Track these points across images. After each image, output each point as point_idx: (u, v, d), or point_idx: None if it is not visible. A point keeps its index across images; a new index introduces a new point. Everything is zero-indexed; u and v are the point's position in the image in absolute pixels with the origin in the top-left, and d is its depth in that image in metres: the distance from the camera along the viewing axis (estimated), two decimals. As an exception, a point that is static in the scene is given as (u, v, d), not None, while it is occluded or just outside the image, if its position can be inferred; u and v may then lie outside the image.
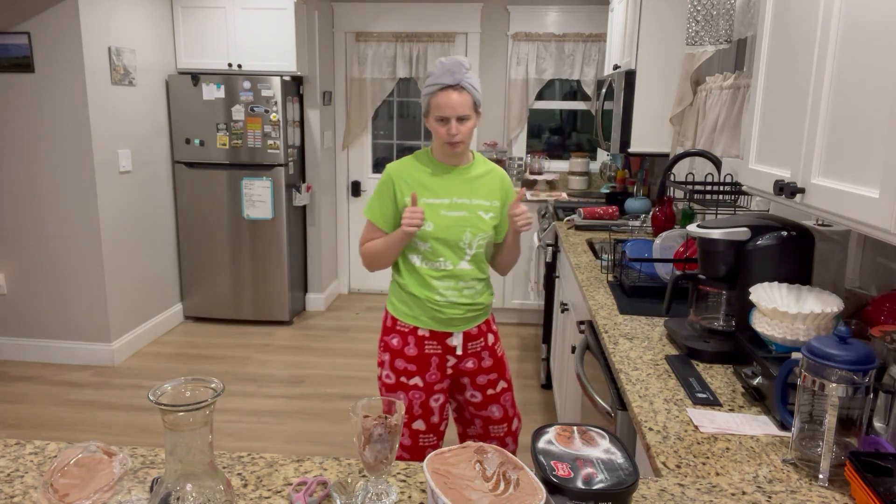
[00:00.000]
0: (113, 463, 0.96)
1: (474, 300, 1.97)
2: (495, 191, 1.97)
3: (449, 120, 1.80)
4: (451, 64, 1.78)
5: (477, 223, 1.90)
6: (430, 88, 1.81)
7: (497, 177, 1.98)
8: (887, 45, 1.01)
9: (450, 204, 1.89)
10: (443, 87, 1.78)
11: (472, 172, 1.94)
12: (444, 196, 1.89)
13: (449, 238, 1.88)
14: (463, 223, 1.89)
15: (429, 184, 1.89)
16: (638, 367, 1.52)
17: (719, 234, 1.52)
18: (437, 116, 1.81)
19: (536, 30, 4.91)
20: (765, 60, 1.53)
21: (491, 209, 1.94)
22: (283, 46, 4.30)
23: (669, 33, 3.12)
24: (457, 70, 1.77)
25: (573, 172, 5.00)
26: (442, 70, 1.78)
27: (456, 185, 1.91)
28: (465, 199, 1.90)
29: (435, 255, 1.90)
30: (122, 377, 3.74)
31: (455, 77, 1.77)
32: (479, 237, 1.92)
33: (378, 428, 0.94)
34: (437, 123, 1.82)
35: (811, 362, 1.04)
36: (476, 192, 1.92)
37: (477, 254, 1.94)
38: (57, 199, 3.72)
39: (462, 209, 1.89)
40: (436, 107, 1.80)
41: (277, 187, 4.40)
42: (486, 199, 1.94)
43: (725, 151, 2.32)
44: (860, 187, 1.07)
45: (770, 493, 1.01)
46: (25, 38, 3.54)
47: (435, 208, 1.87)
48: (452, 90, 1.78)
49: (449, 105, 1.78)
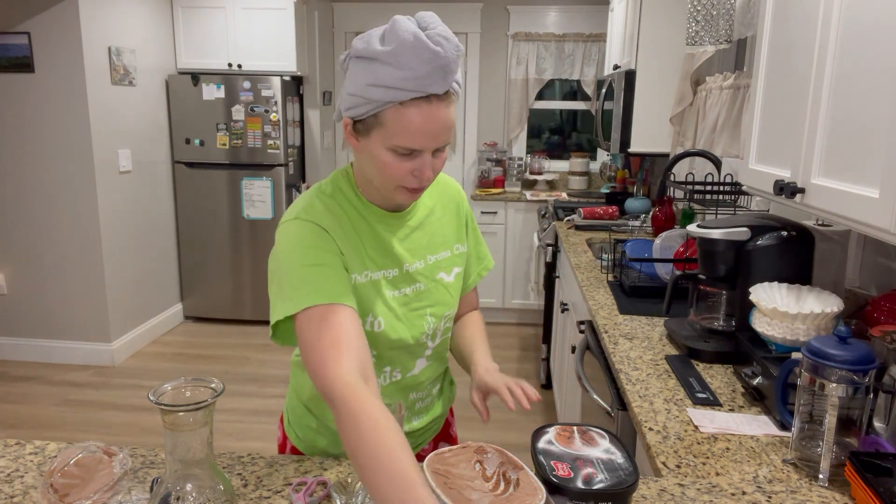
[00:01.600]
0: (113, 463, 0.96)
1: (430, 415, 1.26)
2: (456, 227, 1.22)
3: (420, 153, 0.98)
4: (449, 51, 0.91)
5: (440, 297, 1.16)
6: (391, 93, 0.92)
7: (452, 203, 1.22)
8: (887, 45, 1.01)
9: (398, 277, 1.11)
10: (423, 95, 0.93)
11: (420, 211, 1.15)
12: (389, 265, 1.10)
13: (404, 337, 1.12)
14: (422, 305, 1.14)
15: (363, 248, 1.08)
16: (638, 367, 1.52)
17: (719, 234, 1.52)
18: (399, 146, 0.96)
19: (536, 30, 4.91)
20: (765, 60, 1.53)
21: (456, 262, 1.20)
22: (283, 46, 4.30)
23: (669, 33, 3.12)
24: (455, 65, 0.93)
25: (573, 172, 5.00)
26: (430, 67, 0.90)
27: (402, 242, 1.12)
28: (417, 261, 1.14)
29: (379, 368, 1.15)
30: (122, 377, 3.74)
31: (449, 80, 0.93)
32: (446, 318, 1.19)
33: (378, 428, 0.94)
34: (389, 154, 0.97)
35: (811, 362, 1.04)
36: (431, 244, 1.16)
37: (441, 343, 1.22)
38: (57, 199, 3.72)
39: (416, 280, 1.13)
40: (400, 129, 0.94)
41: (277, 187, 4.40)
42: (446, 249, 1.19)
43: (725, 151, 2.32)
44: (860, 187, 1.07)
45: (770, 493, 1.01)
46: (25, 38, 3.54)
47: (379, 290, 1.09)
48: (439, 101, 0.95)
49: (430, 129, 0.95)
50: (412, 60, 0.90)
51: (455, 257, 1.20)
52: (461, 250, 1.22)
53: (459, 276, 1.21)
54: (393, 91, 0.92)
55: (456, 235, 1.21)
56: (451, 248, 1.19)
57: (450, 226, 1.20)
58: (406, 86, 0.91)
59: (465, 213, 1.24)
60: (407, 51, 0.90)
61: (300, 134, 4.69)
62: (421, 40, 0.89)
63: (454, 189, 1.24)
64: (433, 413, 1.27)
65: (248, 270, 4.54)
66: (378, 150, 0.98)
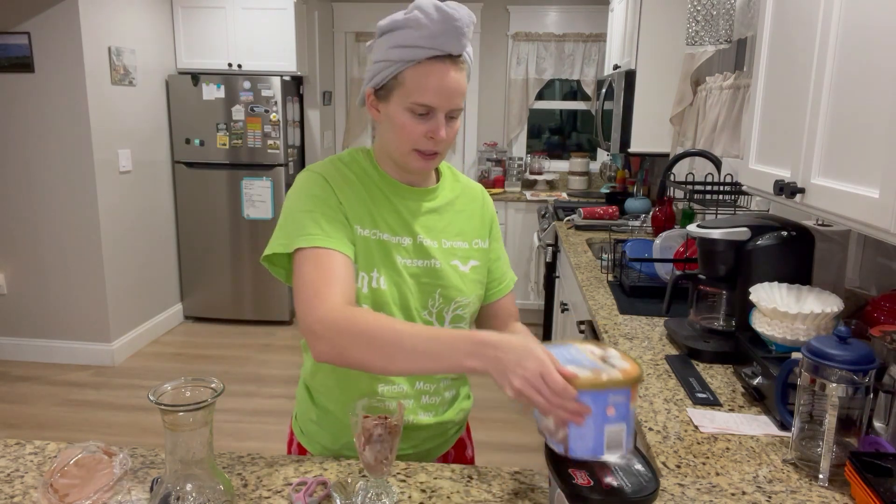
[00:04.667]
0: (113, 463, 0.96)
1: (440, 418, 1.21)
2: (478, 225, 1.23)
3: (434, 112, 1.04)
4: (463, 20, 1.00)
5: (453, 281, 1.15)
6: (409, 52, 1.01)
7: (478, 201, 1.25)
8: (887, 45, 1.01)
9: (412, 247, 1.13)
10: (438, 54, 1.02)
11: (440, 197, 1.19)
12: (403, 233, 1.13)
13: (409, 305, 1.12)
14: (433, 282, 1.14)
15: (376, 211, 1.12)
16: (638, 367, 1.52)
17: (719, 234, 1.52)
18: (416, 103, 1.03)
19: (536, 30, 4.91)
20: (765, 60, 1.53)
21: (473, 255, 1.20)
22: (283, 46, 4.30)
23: (669, 33, 3.12)
24: (468, 31, 1.02)
25: (573, 172, 5.00)
26: (444, 26, 1.00)
27: (417, 217, 1.15)
28: (431, 240, 1.15)
29: None
30: (122, 377, 3.74)
31: (463, 43, 1.02)
32: (456, 305, 1.16)
33: (378, 428, 0.94)
34: (406, 115, 1.04)
35: (811, 362, 1.04)
36: (447, 230, 1.17)
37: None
38: (57, 199, 3.72)
39: (432, 256, 1.14)
40: (417, 86, 1.02)
41: (277, 187, 4.40)
42: (463, 241, 1.19)
43: (725, 151, 2.32)
44: (860, 187, 1.07)
45: (770, 493, 1.01)
46: (25, 38, 3.54)
47: (388, 252, 1.11)
48: (452, 63, 1.03)
49: (444, 87, 1.02)
50: (429, 21, 0.99)
51: (473, 250, 1.20)
52: (480, 245, 1.21)
53: (476, 269, 1.20)
54: (411, 49, 1.01)
55: (476, 231, 1.22)
56: (468, 241, 1.20)
57: (470, 222, 1.21)
58: (423, 43, 1.00)
59: (489, 216, 1.26)
60: (425, 13, 1.00)
61: (300, 134, 4.69)
62: (437, 5, 1.00)
63: (478, 190, 1.27)
64: (441, 417, 1.21)
65: (248, 270, 4.54)
66: (397, 112, 1.05)
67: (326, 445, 1.23)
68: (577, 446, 0.80)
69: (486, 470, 1.08)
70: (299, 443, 1.28)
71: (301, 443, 1.27)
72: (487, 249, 1.23)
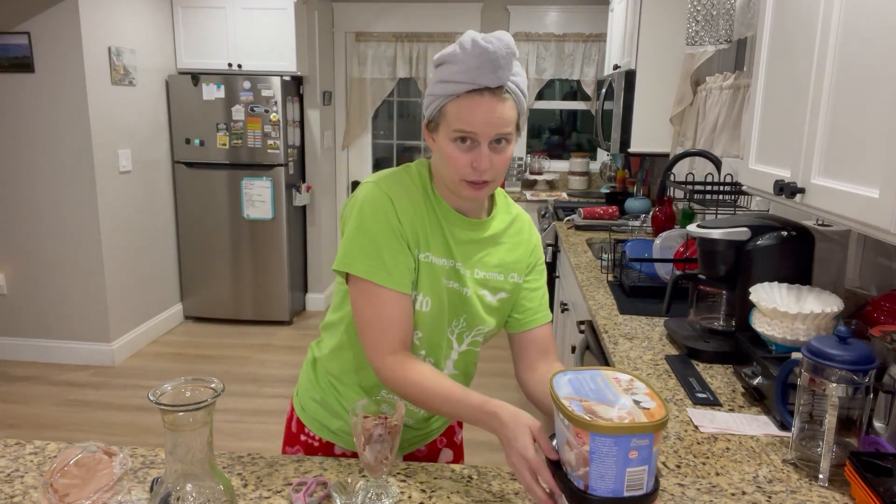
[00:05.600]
0: (113, 463, 0.96)
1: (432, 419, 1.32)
2: (519, 258, 1.23)
3: (477, 143, 1.06)
4: (498, 48, 1.01)
5: (477, 310, 1.19)
6: (450, 87, 1.04)
7: (525, 235, 1.25)
8: (887, 45, 1.01)
9: (450, 270, 1.16)
10: (476, 88, 1.03)
11: (489, 229, 1.20)
12: (445, 255, 1.16)
13: (442, 322, 1.17)
14: (461, 306, 1.18)
15: (430, 232, 1.14)
16: (638, 367, 1.52)
17: (719, 234, 1.52)
18: (459, 131, 1.05)
19: (536, 30, 4.91)
20: (765, 60, 1.53)
21: (505, 288, 1.21)
22: (283, 46, 4.30)
23: (669, 33, 3.12)
24: (505, 61, 1.02)
25: (573, 172, 5.00)
26: (479, 61, 1.01)
27: (459, 244, 1.17)
28: (466, 268, 1.17)
29: (416, 350, 1.18)
30: (122, 377, 3.74)
31: (500, 75, 1.03)
32: (477, 332, 1.21)
33: (378, 428, 0.94)
34: (452, 146, 1.07)
35: (811, 362, 1.04)
36: (484, 261, 1.19)
37: (466, 354, 1.24)
38: (57, 199, 3.72)
39: (465, 283, 1.17)
40: (456, 117, 1.05)
41: (277, 187, 4.40)
42: (500, 273, 1.20)
43: (725, 151, 2.32)
44: (860, 187, 1.07)
45: (770, 493, 1.01)
46: (25, 38, 3.54)
47: (435, 274, 1.14)
48: (492, 95, 1.04)
49: (483, 118, 1.04)
50: (465, 55, 1.02)
51: (506, 283, 1.21)
52: (515, 280, 1.23)
53: (504, 301, 1.22)
54: (452, 85, 1.04)
55: (515, 265, 1.22)
56: (505, 274, 1.21)
57: (511, 254, 1.22)
58: (460, 78, 1.03)
59: (533, 248, 1.26)
60: (463, 48, 1.02)
61: (300, 134, 4.69)
62: (475, 40, 1.01)
63: (528, 223, 1.28)
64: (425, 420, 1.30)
65: (248, 270, 4.53)
66: (444, 143, 1.08)
67: (325, 424, 1.28)
68: (598, 486, 0.80)
69: (486, 470, 1.08)
70: (299, 418, 1.32)
71: (301, 419, 1.32)
72: (521, 284, 1.24)
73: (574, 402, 0.82)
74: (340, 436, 1.27)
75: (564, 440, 0.83)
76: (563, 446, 0.85)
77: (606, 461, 0.79)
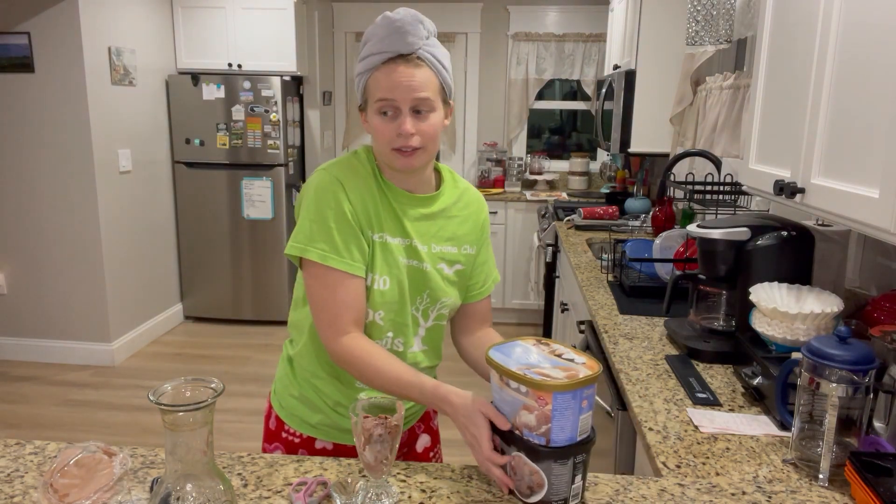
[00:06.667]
0: (113, 463, 0.96)
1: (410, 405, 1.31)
2: (470, 231, 1.28)
3: (399, 110, 1.10)
4: (403, 20, 1.07)
5: (438, 284, 1.22)
6: (367, 62, 1.10)
7: (473, 206, 1.29)
8: (887, 45, 1.01)
9: (409, 248, 1.19)
10: (390, 57, 1.08)
11: (438, 203, 1.23)
12: (400, 235, 1.18)
13: (405, 301, 1.20)
14: (422, 282, 1.21)
15: (383, 213, 1.17)
16: (638, 367, 1.52)
17: (719, 234, 1.52)
18: (379, 101, 1.10)
19: (536, 30, 4.91)
20: (765, 60, 1.53)
21: (460, 260, 1.25)
22: (283, 46, 4.30)
23: (669, 33, 3.12)
24: (413, 29, 1.08)
25: (573, 172, 5.00)
26: (388, 30, 1.08)
27: (411, 221, 1.20)
28: (422, 244, 1.20)
29: (382, 332, 1.20)
30: (122, 377, 3.74)
31: (410, 42, 1.07)
32: (441, 305, 1.24)
33: (378, 428, 0.94)
34: (378, 118, 1.11)
35: (811, 362, 1.04)
36: (438, 234, 1.22)
37: (433, 329, 1.26)
38: (57, 199, 3.72)
39: (423, 259, 1.20)
40: (377, 88, 1.09)
41: (277, 187, 4.40)
42: (453, 246, 1.24)
43: (725, 151, 2.32)
44: (860, 187, 1.07)
45: (770, 493, 1.01)
46: (25, 38, 3.54)
47: (392, 253, 1.17)
48: (405, 62, 1.08)
49: (397, 82, 1.08)
50: (377, 29, 1.09)
51: (460, 255, 1.26)
52: (468, 251, 1.27)
53: (460, 273, 1.26)
54: (368, 59, 1.10)
55: (467, 237, 1.27)
56: (458, 246, 1.25)
57: (462, 227, 1.26)
58: (374, 50, 1.09)
59: (482, 221, 1.31)
60: (374, 25, 1.10)
61: (300, 134, 4.69)
62: (384, 14, 1.09)
63: (475, 195, 1.32)
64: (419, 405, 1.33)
65: (248, 270, 4.53)
66: (372, 119, 1.13)
67: (305, 419, 1.29)
68: (559, 438, 0.91)
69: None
70: (278, 415, 1.33)
71: (280, 416, 1.33)
72: (475, 255, 1.29)
73: (528, 371, 0.92)
74: (321, 429, 1.28)
75: (519, 406, 0.93)
76: (517, 412, 0.94)
77: (566, 414, 0.90)
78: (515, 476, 0.96)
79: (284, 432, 1.31)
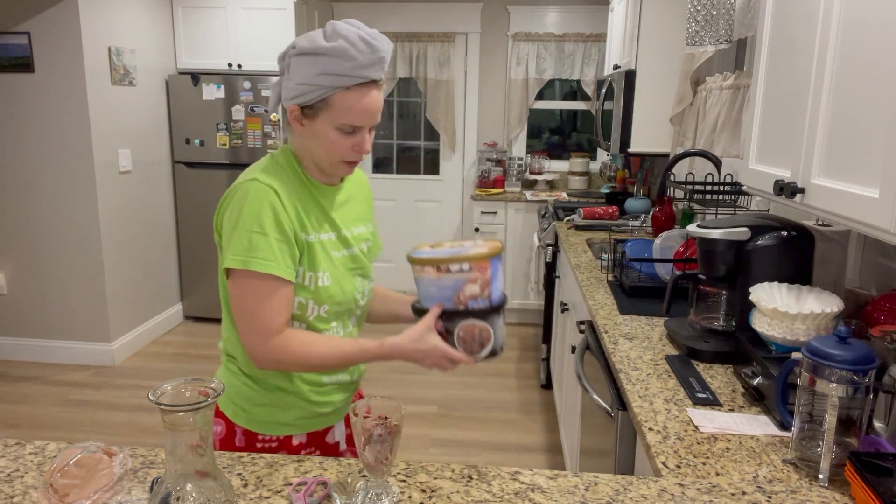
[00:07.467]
0: (113, 463, 0.96)
1: (360, 371, 1.40)
2: (367, 208, 1.41)
3: (359, 129, 1.19)
4: (384, 46, 1.15)
5: (364, 262, 1.33)
6: (339, 80, 1.14)
7: (363, 187, 1.42)
8: (887, 45, 1.01)
9: (339, 240, 1.28)
10: (366, 81, 1.16)
11: (344, 189, 1.34)
12: (330, 229, 1.27)
13: (346, 293, 1.28)
14: (355, 267, 1.30)
15: (312, 212, 1.25)
16: (638, 367, 1.52)
17: (719, 234, 1.52)
18: (346, 123, 1.17)
19: (536, 30, 4.91)
20: (765, 60, 1.53)
21: (369, 236, 1.38)
22: (283, 46, 4.29)
23: (669, 33, 3.12)
24: (387, 54, 1.17)
25: (573, 172, 5.00)
26: (373, 57, 1.14)
27: (335, 211, 1.29)
28: (347, 230, 1.30)
29: (327, 323, 1.27)
30: (122, 377, 3.74)
31: (385, 69, 1.19)
32: (370, 282, 1.37)
33: (378, 428, 0.94)
34: (335, 132, 1.18)
35: (811, 362, 1.04)
36: (353, 218, 1.34)
37: (364, 306, 1.37)
38: (57, 199, 3.72)
39: (351, 244, 1.30)
40: (346, 109, 1.16)
41: (277, 187, 4.40)
42: (363, 225, 1.37)
43: (725, 151, 2.32)
44: (860, 187, 1.07)
45: (770, 493, 1.01)
46: (25, 38, 3.54)
47: (326, 250, 1.24)
48: (376, 87, 1.18)
49: (370, 109, 1.18)
50: (358, 53, 1.12)
51: (368, 233, 1.38)
52: (371, 228, 1.40)
53: (371, 248, 1.38)
54: (341, 78, 1.13)
55: (367, 214, 1.40)
56: (365, 224, 1.38)
57: (363, 206, 1.39)
58: (352, 73, 1.13)
59: (370, 196, 1.45)
60: (353, 45, 1.12)
61: (300, 134, 4.69)
62: (364, 38, 1.13)
63: (362, 175, 1.44)
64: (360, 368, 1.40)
65: (248, 270, 4.53)
66: (325, 130, 1.18)
67: (279, 420, 1.30)
68: (496, 296, 1.14)
69: (486, 470, 1.08)
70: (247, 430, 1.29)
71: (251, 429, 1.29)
72: (373, 231, 1.41)
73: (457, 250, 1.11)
74: (297, 424, 1.30)
75: (463, 283, 1.11)
76: (461, 289, 1.12)
77: (498, 276, 1.13)
78: (466, 344, 1.14)
79: (259, 443, 1.29)
